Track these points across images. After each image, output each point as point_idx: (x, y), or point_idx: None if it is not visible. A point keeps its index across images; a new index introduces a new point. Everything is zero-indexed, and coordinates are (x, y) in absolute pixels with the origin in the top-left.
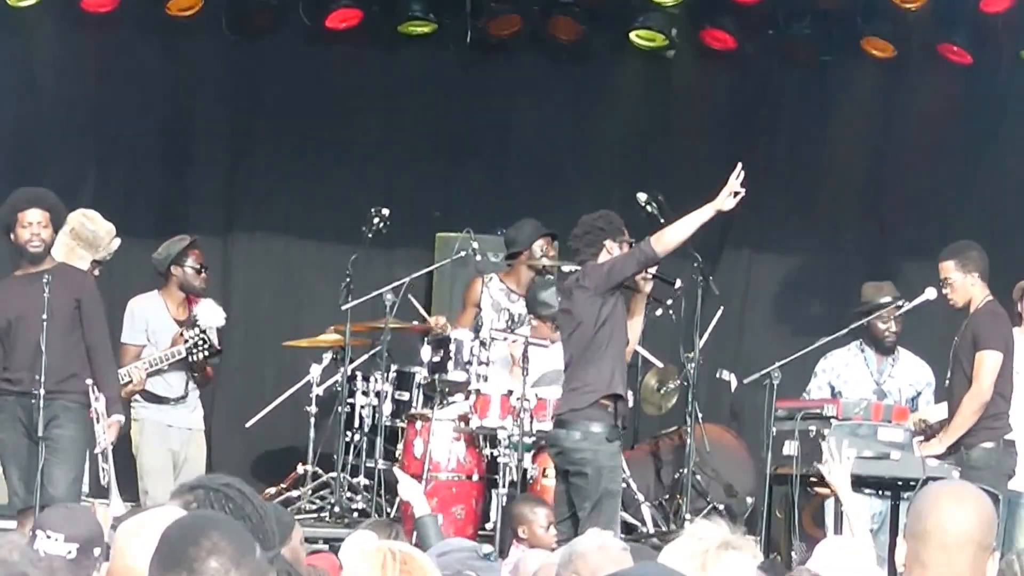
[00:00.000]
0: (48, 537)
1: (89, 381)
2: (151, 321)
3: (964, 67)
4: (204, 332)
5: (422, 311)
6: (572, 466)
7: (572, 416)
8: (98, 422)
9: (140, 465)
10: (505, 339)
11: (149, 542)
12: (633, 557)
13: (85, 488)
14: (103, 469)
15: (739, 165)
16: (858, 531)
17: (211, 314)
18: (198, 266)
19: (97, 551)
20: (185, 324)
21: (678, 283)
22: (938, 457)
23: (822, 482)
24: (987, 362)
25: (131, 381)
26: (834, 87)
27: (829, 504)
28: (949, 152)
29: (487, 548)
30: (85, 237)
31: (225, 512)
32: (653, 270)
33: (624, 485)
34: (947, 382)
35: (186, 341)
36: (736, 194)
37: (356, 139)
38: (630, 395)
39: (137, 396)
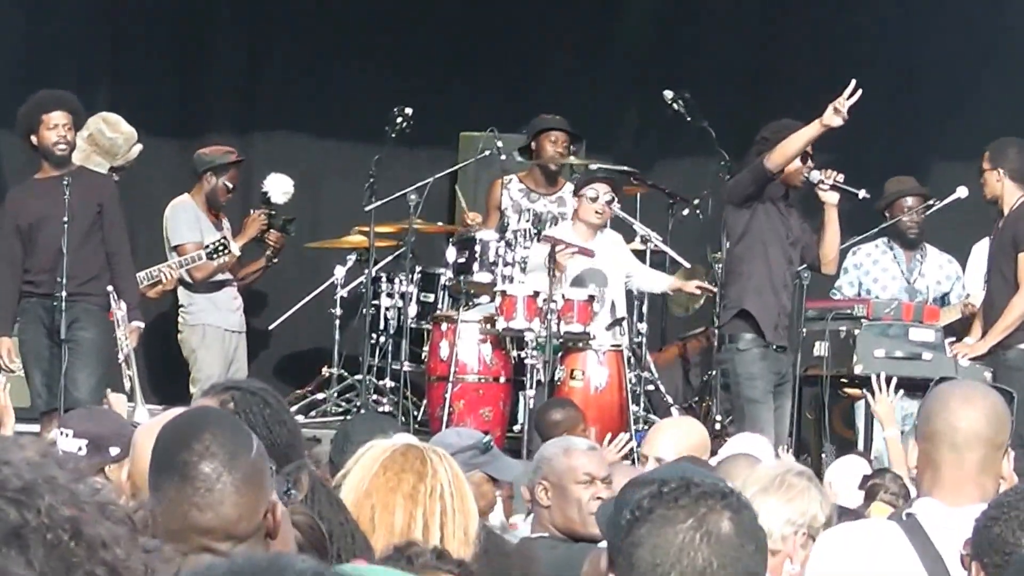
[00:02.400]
0: (62, 435)
1: (110, 288)
2: (199, 219)
3: None
4: (225, 237)
5: (463, 203)
6: (723, 379)
7: (719, 331)
8: (119, 327)
9: (198, 371)
10: (538, 239)
11: None
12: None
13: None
14: (127, 376)
15: (852, 83)
16: (896, 466)
17: (280, 185)
18: (231, 185)
19: (115, 450)
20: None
21: (862, 193)
22: (972, 358)
23: (852, 383)
24: None
25: (161, 281)
26: None
27: (859, 406)
28: (982, 46)
29: (484, 437)
30: (102, 144)
31: (262, 417)
32: (831, 180)
33: (652, 387)
34: (984, 284)
35: (206, 247)
36: (839, 113)
37: (378, 37)
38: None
39: (192, 298)
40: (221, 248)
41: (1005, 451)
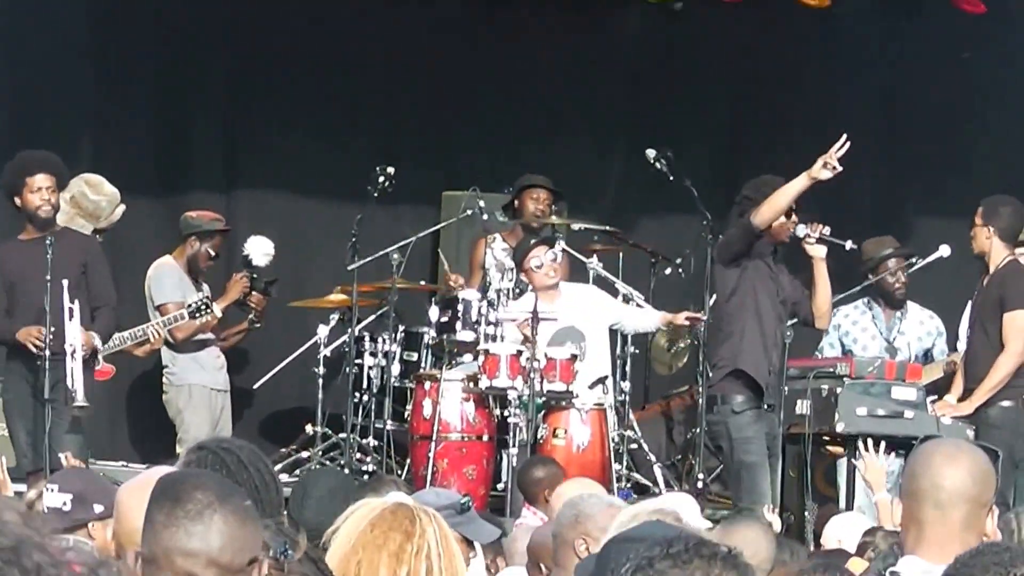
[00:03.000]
0: (48, 490)
1: (65, 282)
2: (182, 280)
3: (978, 16)
4: (207, 296)
5: (446, 265)
6: (713, 441)
7: (710, 392)
8: (70, 319)
9: (184, 431)
10: (514, 320)
11: None
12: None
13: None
14: (70, 369)
15: (843, 137)
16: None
17: (261, 248)
18: (214, 252)
19: (99, 508)
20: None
21: (848, 244)
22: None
23: (834, 441)
24: (1018, 322)
25: (148, 340)
26: (844, 37)
27: (841, 464)
28: (962, 103)
29: (462, 499)
30: (85, 207)
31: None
32: (817, 233)
33: (635, 446)
34: (966, 341)
35: (188, 306)
36: (828, 165)
37: (360, 95)
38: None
39: (175, 358)
40: (204, 307)
41: (989, 509)
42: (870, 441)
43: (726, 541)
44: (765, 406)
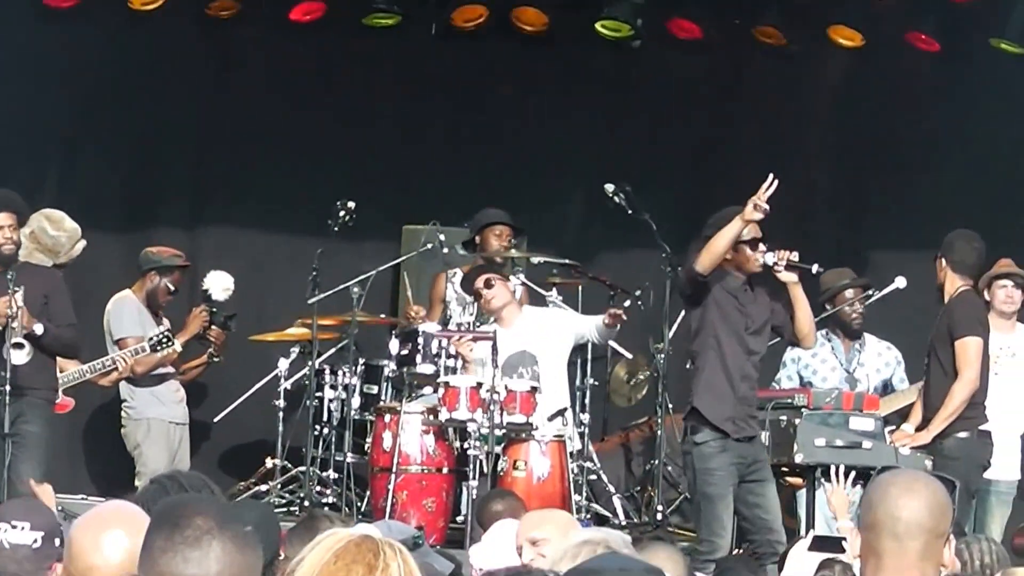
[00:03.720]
0: (13, 527)
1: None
2: (141, 314)
3: (932, 55)
4: (169, 330)
5: (409, 292)
6: (685, 471)
7: (684, 424)
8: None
9: (143, 465)
10: (448, 336)
11: (110, 538)
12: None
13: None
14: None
15: (770, 177)
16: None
17: (221, 282)
18: (173, 287)
19: (57, 542)
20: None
21: (815, 268)
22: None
23: (793, 472)
24: (969, 350)
25: (116, 369)
26: (802, 77)
27: (801, 495)
28: (918, 140)
29: (415, 533)
30: (44, 243)
31: None
32: (784, 260)
33: (595, 477)
34: (924, 372)
35: (150, 339)
36: (758, 208)
37: (321, 131)
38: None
39: (134, 392)
40: (165, 340)
41: (947, 539)
42: (841, 468)
43: None
44: (735, 438)
